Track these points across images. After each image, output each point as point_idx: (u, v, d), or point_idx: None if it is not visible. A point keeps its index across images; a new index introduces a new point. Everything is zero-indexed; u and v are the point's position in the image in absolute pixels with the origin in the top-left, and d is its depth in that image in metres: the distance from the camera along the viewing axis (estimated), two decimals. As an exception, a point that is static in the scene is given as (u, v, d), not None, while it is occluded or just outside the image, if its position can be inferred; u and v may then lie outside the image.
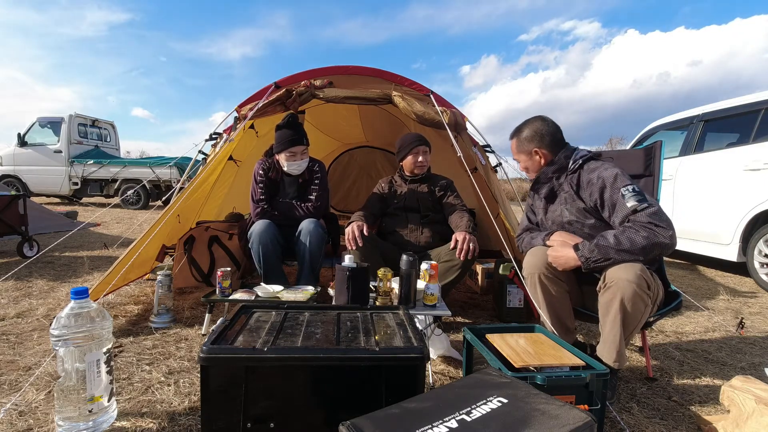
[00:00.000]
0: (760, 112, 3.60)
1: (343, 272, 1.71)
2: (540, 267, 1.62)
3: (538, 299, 1.66)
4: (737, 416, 1.31)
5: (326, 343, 1.23)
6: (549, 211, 1.80)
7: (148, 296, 2.65)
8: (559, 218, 1.74)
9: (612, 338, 1.48)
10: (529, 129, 1.79)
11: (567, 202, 1.71)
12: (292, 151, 2.46)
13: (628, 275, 1.43)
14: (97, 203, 9.84)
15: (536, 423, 0.86)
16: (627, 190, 1.54)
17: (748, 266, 3.61)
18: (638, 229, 1.46)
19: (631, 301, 1.43)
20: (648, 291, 1.45)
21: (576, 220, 1.68)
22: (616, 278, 1.45)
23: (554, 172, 1.74)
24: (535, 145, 1.77)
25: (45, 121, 9.21)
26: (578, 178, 1.68)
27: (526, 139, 1.79)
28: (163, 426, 1.32)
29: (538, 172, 1.79)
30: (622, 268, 1.45)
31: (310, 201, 2.57)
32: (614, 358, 1.48)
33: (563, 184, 1.73)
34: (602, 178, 1.60)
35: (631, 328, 1.48)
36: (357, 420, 0.88)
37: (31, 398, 1.44)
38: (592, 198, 1.62)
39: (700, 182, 4.04)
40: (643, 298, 1.44)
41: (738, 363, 1.98)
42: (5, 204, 3.45)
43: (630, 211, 1.51)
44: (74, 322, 1.21)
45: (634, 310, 1.44)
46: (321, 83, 2.67)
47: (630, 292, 1.42)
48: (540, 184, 1.80)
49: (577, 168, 1.69)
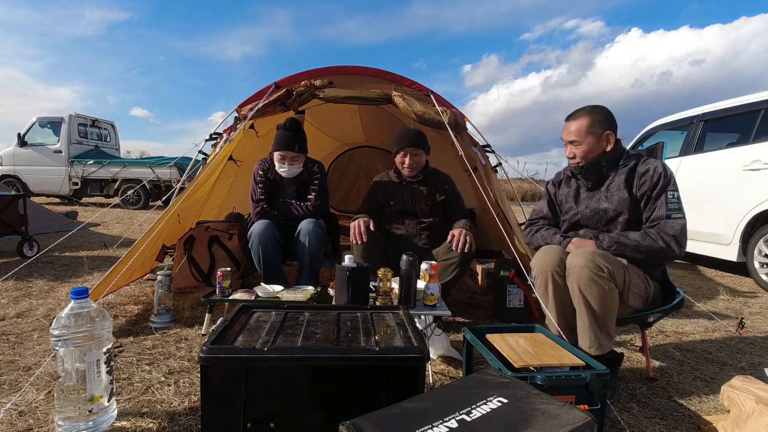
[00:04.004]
0: (760, 112, 3.60)
1: (343, 272, 1.71)
2: (552, 266, 1.62)
3: (548, 298, 1.64)
4: (737, 416, 1.31)
5: (326, 343, 1.23)
6: (584, 197, 1.80)
7: (148, 296, 2.65)
8: (596, 205, 1.76)
9: (582, 325, 1.52)
10: (602, 112, 1.76)
11: (611, 191, 1.73)
12: (282, 154, 2.48)
13: (580, 261, 1.49)
14: (97, 203, 9.83)
15: (536, 423, 0.86)
16: (673, 195, 1.63)
17: (748, 266, 3.60)
18: (656, 240, 1.57)
19: (586, 287, 1.48)
20: (602, 273, 1.47)
21: (613, 209, 1.71)
22: (571, 265, 1.52)
23: (608, 161, 1.75)
24: (608, 128, 1.74)
25: (45, 121, 9.20)
26: (631, 171, 1.71)
27: (600, 121, 1.74)
28: (163, 426, 1.32)
29: (595, 157, 1.75)
30: (576, 255, 1.52)
31: (309, 200, 2.57)
32: (588, 344, 1.50)
33: (612, 175, 1.75)
34: (660, 173, 1.65)
35: (598, 313, 1.49)
36: (357, 420, 0.88)
37: (31, 398, 1.44)
38: (641, 188, 1.67)
39: (700, 182, 4.03)
40: (597, 282, 1.47)
41: (738, 363, 1.98)
42: (5, 204, 3.45)
43: (664, 215, 1.60)
44: (74, 322, 1.21)
45: (592, 295, 1.48)
46: (321, 83, 2.67)
47: (585, 277, 1.47)
48: (591, 170, 1.76)
49: (628, 163, 1.73)
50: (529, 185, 13.90)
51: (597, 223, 1.76)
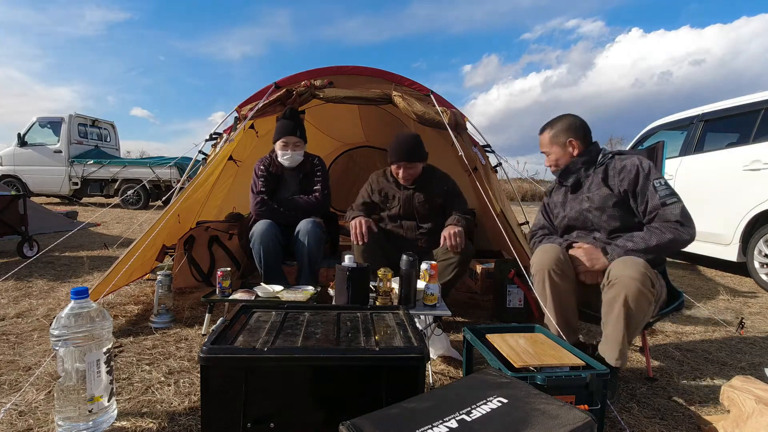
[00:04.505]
0: (760, 112, 3.60)
1: (343, 272, 1.71)
2: (550, 263, 1.63)
3: (546, 296, 1.65)
4: (737, 416, 1.31)
5: (326, 343, 1.23)
6: (569, 200, 1.84)
7: (148, 296, 2.65)
8: (579, 206, 1.78)
9: (615, 337, 1.48)
10: (563, 122, 1.86)
11: (591, 191, 1.75)
12: (285, 140, 2.51)
13: (632, 273, 1.43)
14: (97, 203, 9.83)
15: (536, 423, 0.86)
16: (659, 183, 1.63)
17: (748, 266, 3.60)
18: (664, 231, 1.55)
19: (635, 299, 1.43)
20: (652, 289, 1.45)
21: (596, 207, 1.72)
22: (620, 275, 1.46)
23: (584, 162, 1.79)
24: (570, 135, 1.82)
25: (45, 121, 9.20)
26: (606, 169, 1.75)
27: (561, 130, 1.84)
28: (163, 426, 1.32)
29: (567, 162, 1.83)
30: (626, 266, 1.47)
31: (316, 191, 2.59)
32: (616, 356, 1.48)
33: (590, 175, 1.78)
34: (636, 166, 1.66)
35: (634, 326, 1.48)
36: (357, 420, 0.88)
37: (31, 398, 1.44)
38: (622, 184, 1.68)
39: (700, 182, 4.03)
40: (647, 296, 1.44)
41: (738, 363, 1.98)
42: (5, 204, 3.45)
43: (659, 204, 1.59)
44: (74, 322, 1.21)
45: (638, 309, 1.44)
46: (321, 83, 2.67)
47: (634, 290, 1.42)
48: (568, 174, 1.84)
49: (605, 161, 1.76)
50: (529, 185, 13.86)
51: (584, 223, 1.78)
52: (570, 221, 1.83)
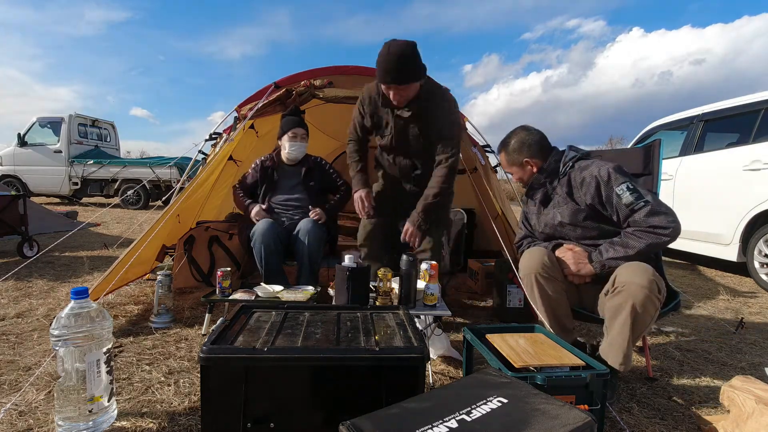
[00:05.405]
0: (760, 112, 3.60)
1: (343, 272, 1.71)
2: (536, 267, 1.63)
3: (536, 299, 1.66)
4: (737, 416, 1.31)
5: (326, 343, 1.23)
6: (542, 214, 1.82)
7: (148, 296, 2.65)
8: (552, 221, 1.76)
9: (620, 341, 1.47)
10: (515, 140, 1.83)
11: (560, 206, 1.73)
12: (294, 132, 2.58)
13: (641, 280, 1.42)
14: (97, 203, 9.83)
15: (536, 423, 0.86)
16: (621, 189, 1.56)
17: (748, 266, 3.60)
18: (640, 237, 1.52)
19: (643, 306, 1.42)
20: (659, 295, 1.44)
21: (568, 222, 1.71)
22: (627, 283, 1.45)
23: (546, 177, 1.77)
24: (524, 155, 1.80)
25: (45, 121, 9.20)
26: (569, 180, 1.71)
27: (513, 150, 1.83)
28: (163, 426, 1.32)
29: (530, 177, 1.83)
30: (634, 272, 1.45)
31: (341, 187, 2.76)
32: (621, 361, 1.47)
33: (556, 187, 1.75)
34: (595, 176, 1.62)
35: (639, 331, 1.48)
36: (357, 420, 0.88)
37: (31, 398, 1.44)
38: (587, 197, 1.64)
39: (700, 182, 4.03)
40: (654, 303, 1.43)
41: (738, 363, 1.98)
42: (5, 204, 3.45)
43: (628, 212, 1.55)
44: (74, 322, 1.21)
45: (645, 315, 1.44)
46: (321, 83, 2.67)
47: (642, 298, 1.41)
48: (534, 189, 1.83)
49: (567, 171, 1.72)
50: (529, 185, 13.86)
51: (562, 236, 1.76)
52: (547, 235, 1.82)
